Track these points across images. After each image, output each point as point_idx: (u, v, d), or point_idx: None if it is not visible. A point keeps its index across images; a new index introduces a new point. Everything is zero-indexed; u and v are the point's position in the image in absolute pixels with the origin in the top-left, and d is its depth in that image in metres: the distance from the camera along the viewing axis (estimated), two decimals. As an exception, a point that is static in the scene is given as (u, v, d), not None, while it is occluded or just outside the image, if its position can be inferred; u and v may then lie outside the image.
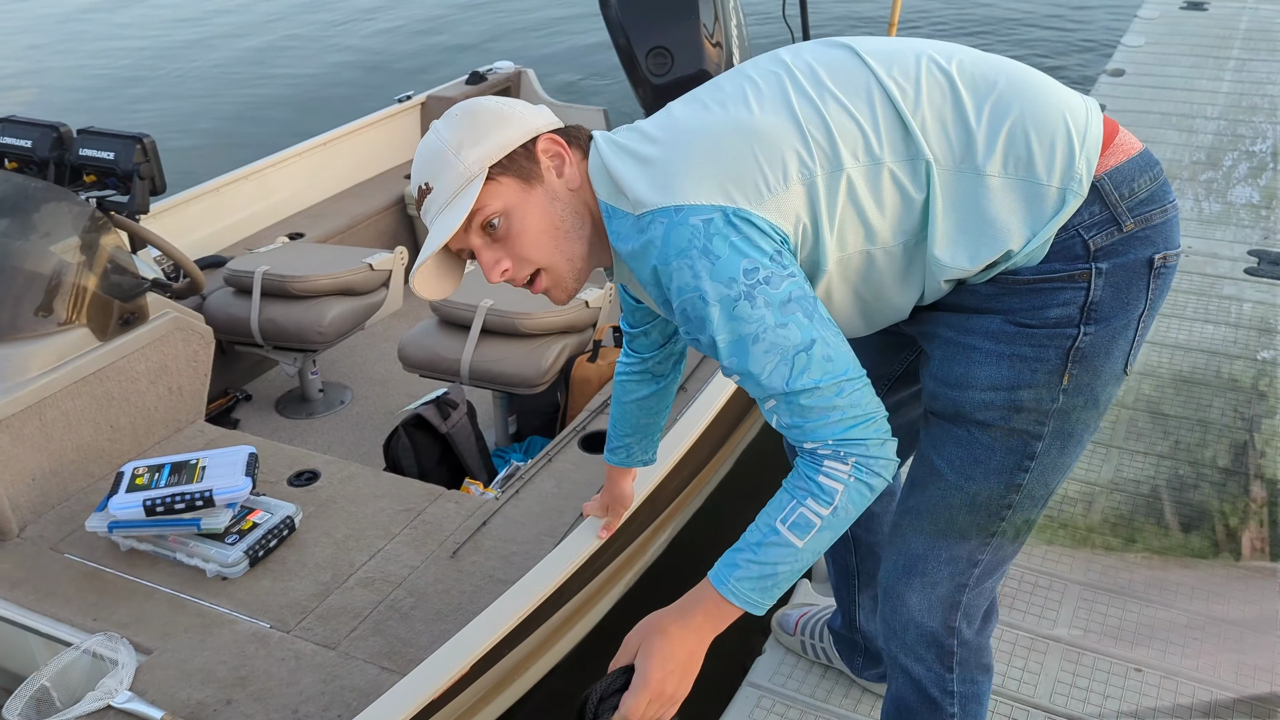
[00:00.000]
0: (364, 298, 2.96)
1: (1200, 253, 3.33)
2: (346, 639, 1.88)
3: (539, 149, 1.16)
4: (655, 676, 1.12)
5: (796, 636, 1.88)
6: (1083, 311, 1.10)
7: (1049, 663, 1.80)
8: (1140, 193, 1.10)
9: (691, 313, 1.07)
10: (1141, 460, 2.33)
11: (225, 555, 2.02)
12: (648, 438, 1.58)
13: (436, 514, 2.18)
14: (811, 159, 1.08)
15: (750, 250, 1.05)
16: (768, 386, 1.07)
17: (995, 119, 1.08)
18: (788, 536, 1.09)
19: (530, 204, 1.15)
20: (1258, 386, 2.60)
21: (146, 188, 2.41)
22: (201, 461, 2.14)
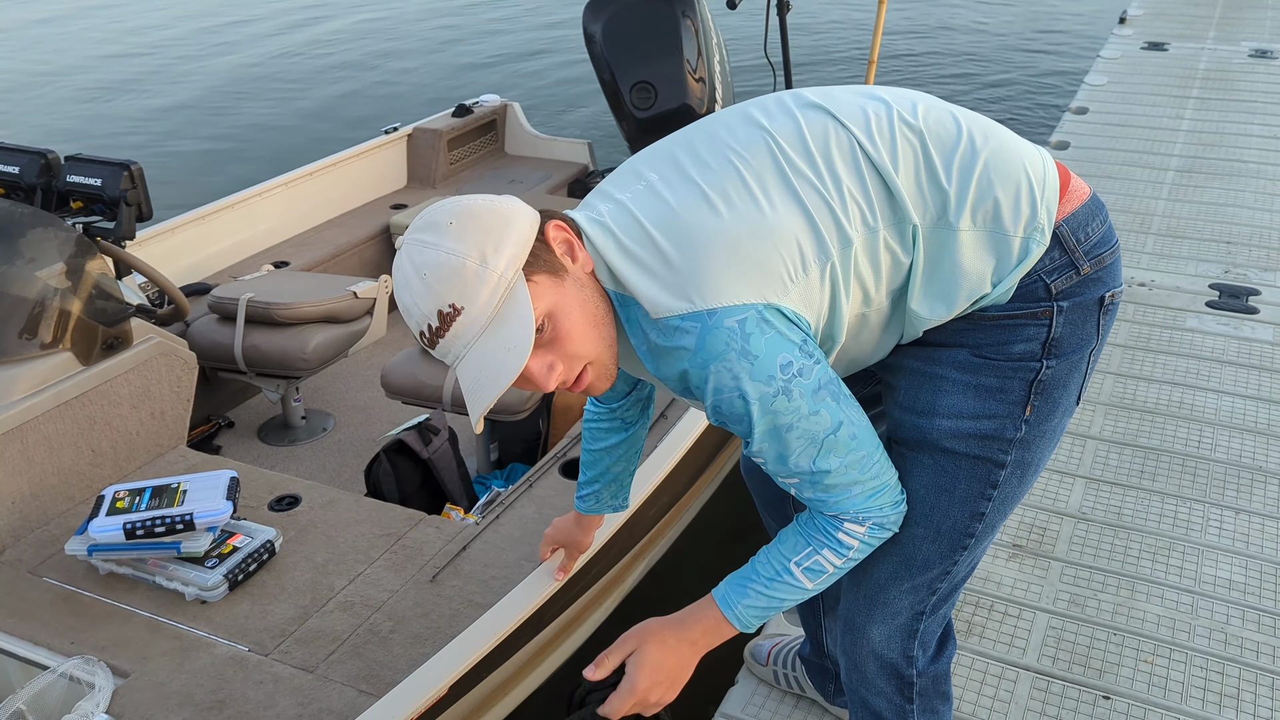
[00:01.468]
0: (347, 325, 3.00)
1: (1164, 286, 3.41)
2: (325, 662, 1.90)
3: (550, 237, 1.10)
4: (643, 685, 1.19)
5: (769, 667, 1.89)
6: (1045, 347, 1.16)
7: (1019, 691, 1.82)
8: (1094, 236, 1.17)
9: (728, 410, 1.09)
10: (1108, 490, 2.38)
11: (205, 579, 2.04)
12: (617, 483, 1.59)
13: (417, 539, 2.20)
14: (825, 244, 1.10)
15: (784, 345, 1.07)
16: (794, 468, 1.12)
17: (963, 174, 1.13)
18: (800, 579, 1.18)
19: (567, 298, 1.09)
20: (1218, 417, 2.67)
21: (133, 214, 2.46)
22: (183, 485, 2.16)
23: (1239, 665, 1.89)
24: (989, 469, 1.19)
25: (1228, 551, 2.18)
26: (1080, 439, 2.57)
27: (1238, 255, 3.61)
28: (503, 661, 1.94)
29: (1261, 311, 3.22)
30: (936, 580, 1.26)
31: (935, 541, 1.24)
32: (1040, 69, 7.92)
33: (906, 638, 1.31)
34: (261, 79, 8.81)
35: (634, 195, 1.14)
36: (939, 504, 1.22)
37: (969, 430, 1.18)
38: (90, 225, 2.50)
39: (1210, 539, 2.22)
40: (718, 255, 1.08)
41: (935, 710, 1.37)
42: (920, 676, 1.34)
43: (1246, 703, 1.81)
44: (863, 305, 1.14)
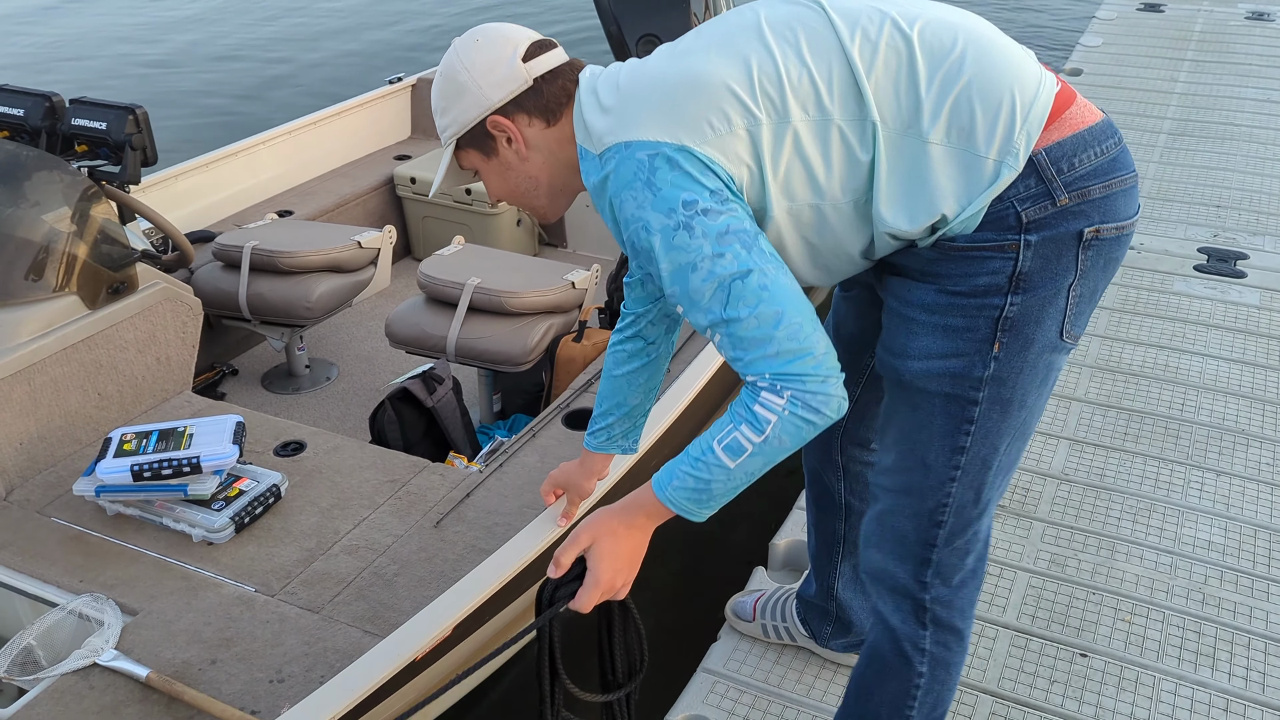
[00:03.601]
0: (352, 275, 2.96)
1: (1152, 250, 3.38)
2: (330, 603, 1.89)
3: (489, 125, 1.28)
4: (606, 577, 1.25)
5: (756, 621, 1.89)
6: (1010, 281, 1.14)
7: (998, 648, 1.83)
8: (1081, 167, 1.13)
9: (637, 243, 1.14)
10: (1091, 452, 2.37)
11: (211, 520, 2.03)
12: (630, 419, 1.57)
13: (421, 485, 2.19)
14: (758, 108, 1.12)
15: (690, 185, 1.10)
16: (707, 313, 1.12)
17: (944, 86, 1.11)
18: (721, 457, 1.14)
19: (491, 170, 1.32)
20: (1202, 380, 2.65)
21: (138, 158, 2.40)
22: (189, 429, 2.14)
23: (1216, 625, 1.89)
24: (962, 405, 1.21)
25: (1208, 513, 2.18)
26: (1065, 401, 2.56)
27: (1227, 219, 3.57)
28: (505, 605, 1.93)
29: (1249, 275, 3.19)
30: (937, 512, 1.28)
31: (925, 473, 1.26)
32: (1036, 27, 7.76)
33: (919, 564, 1.33)
34: (272, 35, 8.60)
35: (631, 66, 1.24)
36: (921, 439, 1.25)
37: (938, 370, 1.19)
38: (95, 169, 2.44)
39: (1191, 501, 2.22)
40: (649, 97, 1.15)
41: (948, 644, 1.37)
42: (934, 602, 1.34)
43: (1222, 661, 1.82)
44: (814, 196, 1.14)
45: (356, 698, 1.56)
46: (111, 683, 1.70)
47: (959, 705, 1.72)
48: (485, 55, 1.27)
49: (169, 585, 1.92)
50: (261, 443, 2.32)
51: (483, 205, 3.54)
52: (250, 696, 1.71)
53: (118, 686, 1.69)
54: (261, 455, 2.29)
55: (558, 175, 1.31)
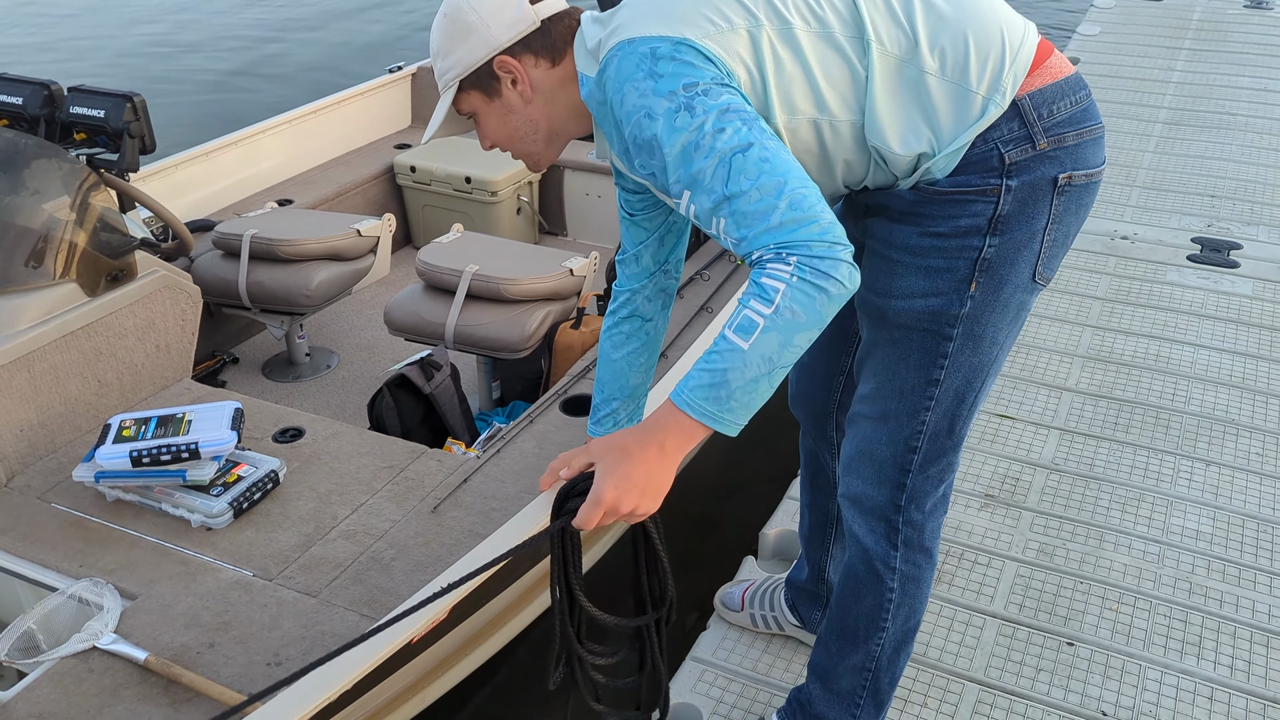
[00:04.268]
0: (351, 263, 2.95)
1: (1146, 240, 3.36)
2: (328, 587, 1.89)
3: (496, 66, 1.26)
4: (609, 495, 1.12)
5: (745, 611, 1.89)
6: (990, 223, 1.18)
7: (985, 637, 1.82)
8: (1058, 115, 1.17)
9: (640, 135, 1.12)
10: (1081, 441, 2.36)
11: (210, 506, 2.02)
12: (634, 400, 1.57)
13: (418, 471, 2.19)
14: (758, 9, 1.14)
15: (691, 71, 1.11)
16: (710, 193, 1.09)
17: (941, 21, 1.15)
18: (734, 339, 1.07)
19: (490, 114, 1.31)
20: (1193, 370, 2.64)
21: (136, 146, 2.39)
22: (188, 415, 2.13)
23: (1202, 614, 1.89)
24: (937, 341, 1.26)
25: (1196, 503, 2.18)
26: (1056, 391, 2.54)
27: (1221, 209, 3.55)
28: (503, 589, 1.93)
29: (1242, 266, 3.18)
30: (911, 439, 1.33)
31: (900, 400, 1.31)
32: (1035, 17, 7.70)
33: (895, 489, 1.37)
34: (275, 21, 8.55)
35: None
36: (898, 370, 1.30)
37: (919, 308, 1.24)
38: (94, 157, 2.42)
39: (1180, 490, 2.21)
40: (649, 3, 1.17)
41: (917, 563, 1.43)
42: (905, 525, 1.39)
43: (1208, 650, 1.81)
44: (816, 110, 1.15)
45: (351, 680, 1.56)
46: (111, 665, 1.70)
47: (945, 694, 1.72)
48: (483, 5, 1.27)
49: (168, 570, 1.92)
50: (261, 429, 2.32)
51: (482, 194, 3.52)
52: (247, 679, 1.71)
53: (117, 669, 1.70)
54: (260, 441, 2.28)
55: (557, 118, 1.31)
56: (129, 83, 6.87)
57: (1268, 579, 1.97)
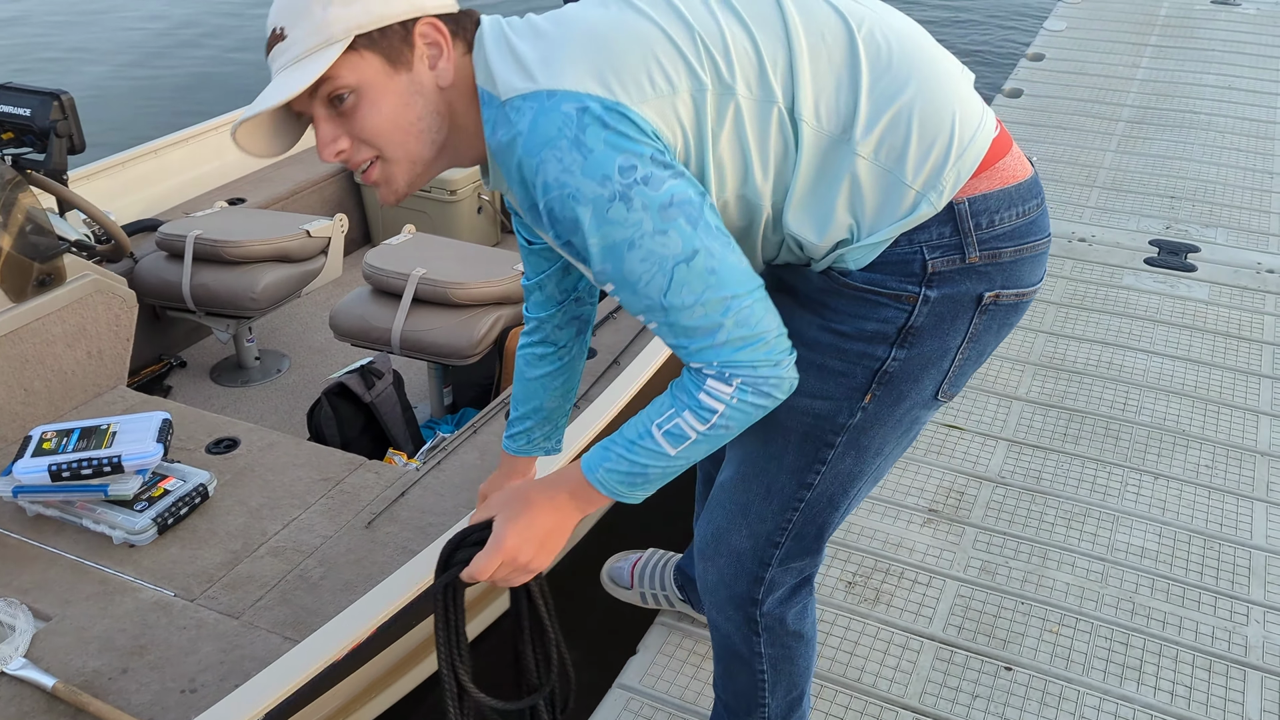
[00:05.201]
0: (300, 265, 2.82)
1: (1104, 242, 3.25)
2: (251, 608, 1.79)
3: (417, 32, 0.98)
4: (510, 543, 1.05)
5: (635, 589, 1.81)
6: (899, 333, 1.03)
7: (922, 661, 1.73)
8: (999, 227, 1.01)
9: (560, 212, 0.92)
10: (1030, 453, 2.26)
11: (133, 522, 1.91)
12: (550, 422, 1.44)
13: (355, 484, 2.08)
14: (704, 71, 0.95)
15: (627, 145, 0.90)
16: (643, 298, 0.95)
17: (885, 99, 0.98)
18: (661, 443, 1.00)
19: (388, 89, 0.97)
20: (1145, 379, 2.54)
21: (64, 146, 2.25)
22: (113, 427, 2.02)
23: (1144, 636, 1.80)
24: (817, 446, 1.11)
25: (1143, 518, 2.09)
26: (1006, 400, 2.45)
27: (1181, 211, 3.45)
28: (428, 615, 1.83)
29: (1199, 269, 3.08)
30: (774, 535, 1.19)
31: (767, 500, 1.17)
32: (1002, 11, 7.58)
33: (752, 582, 1.23)
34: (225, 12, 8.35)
35: (549, 13, 1.04)
36: (769, 468, 1.15)
37: (803, 407, 1.09)
38: (20, 157, 2.28)
39: (1127, 505, 2.12)
40: (580, 40, 0.95)
41: (785, 645, 1.30)
42: (765, 616, 1.27)
43: (1148, 674, 1.72)
44: (744, 186, 0.99)
45: (263, 709, 1.46)
46: (17, 693, 1.60)
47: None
48: None
49: (85, 590, 1.81)
50: (194, 439, 2.20)
51: (442, 192, 3.39)
52: (160, 708, 1.61)
53: (23, 696, 1.59)
54: (193, 453, 2.17)
55: (458, 127, 1.02)
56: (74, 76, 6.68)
57: (1211, 599, 1.89)
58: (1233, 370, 2.58)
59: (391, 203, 1.06)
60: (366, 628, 1.60)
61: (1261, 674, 1.73)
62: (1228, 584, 1.92)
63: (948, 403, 1.15)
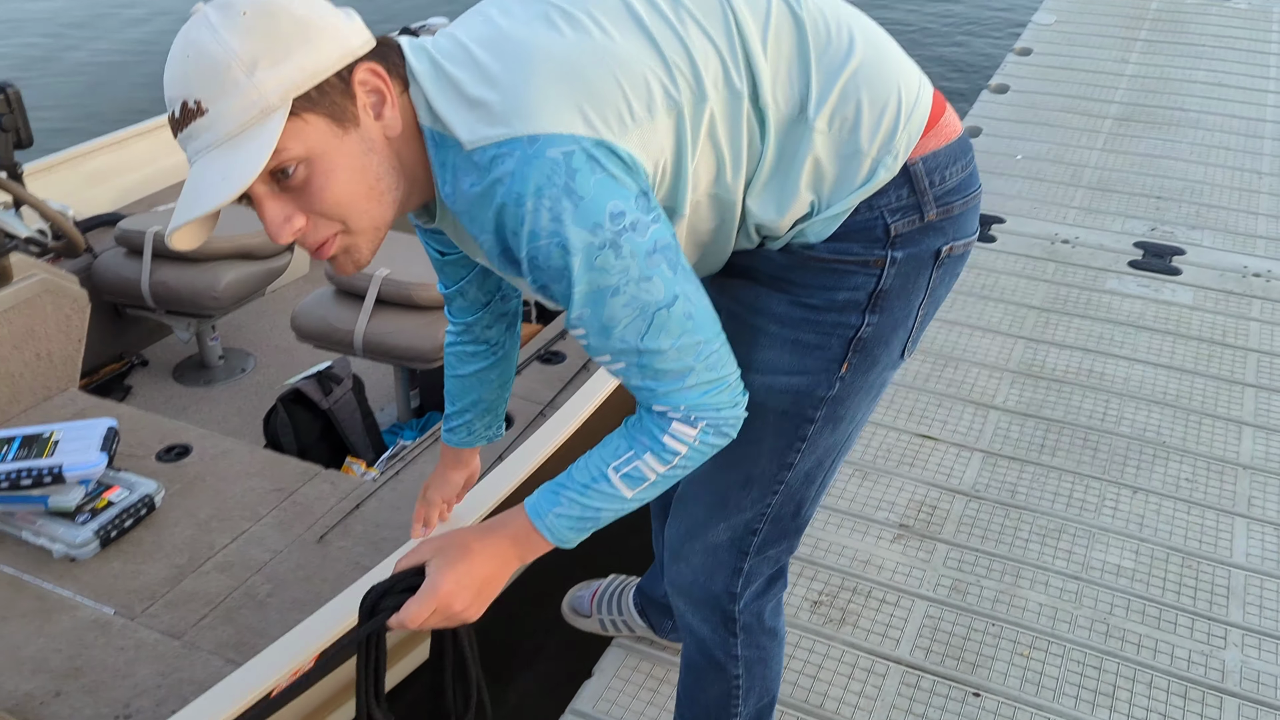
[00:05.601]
0: (264, 262, 2.71)
1: (1087, 244, 3.14)
2: (194, 628, 1.70)
3: (356, 81, 0.87)
4: (446, 589, 0.99)
5: (594, 617, 1.77)
6: (871, 298, 1.03)
7: (887, 686, 1.64)
8: (950, 181, 1.02)
9: (545, 262, 0.87)
10: (1005, 465, 2.17)
11: (74, 535, 1.82)
12: (491, 412, 1.38)
13: (309, 495, 1.98)
14: (676, 87, 0.91)
15: (616, 190, 0.86)
16: (620, 341, 0.91)
17: (833, 71, 0.97)
18: (619, 486, 0.98)
19: (341, 153, 0.87)
20: (1126, 388, 2.45)
21: (9, 140, 2.15)
22: (55, 435, 1.92)
23: (1117, 660, 1.72)
24: (797, 424, 1.09)
25: (1120, 534, 2.00)
26: (983, 409, 2.35)
27: (1167, 211, 3.36)
28: None
29: (1184, 273, 2.99)
30: (754, 522, 1.16)
31: (746, 488, 1.14)
32: (989, 6, 7.44)
33: (730, 575, 1.19)
34: None
35: (465, 24, 0.95)
36: (748, 454, 1.12)
37: (782, 386, 1.07)
38: (-37, 155, 2.18)
39: (1104, 520, 2.03)
40: (549, 73, 0.87)
41: (760, 645, 1.27)
42: (743, 612, 1.23)
43: (1121, 701, 1.64)
44: (716, 185, 0.96)
45: None
46: (-57, 719, 1.51)
47: (841, 752, 1.54)
48: (318, 0, 0.89)
49: (21, 606, 1.72)
50: (145, 446, 2.11)
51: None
52: (91, 736, 1.52)
53: (-51, 723, 1.50)
54: (142, 460, 2.07)
55: (408, 173, 0.92)
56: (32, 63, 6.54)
57: (1189, 620, 1.80)
58: (1216, 379, 2.49)
59: (352, 273, 0.98)
60: (310, 651, 1.51)
61: (1239, 701, 1.65)
62: (1205, 605, 1.84)
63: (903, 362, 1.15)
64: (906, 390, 2.42)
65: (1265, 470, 2.18)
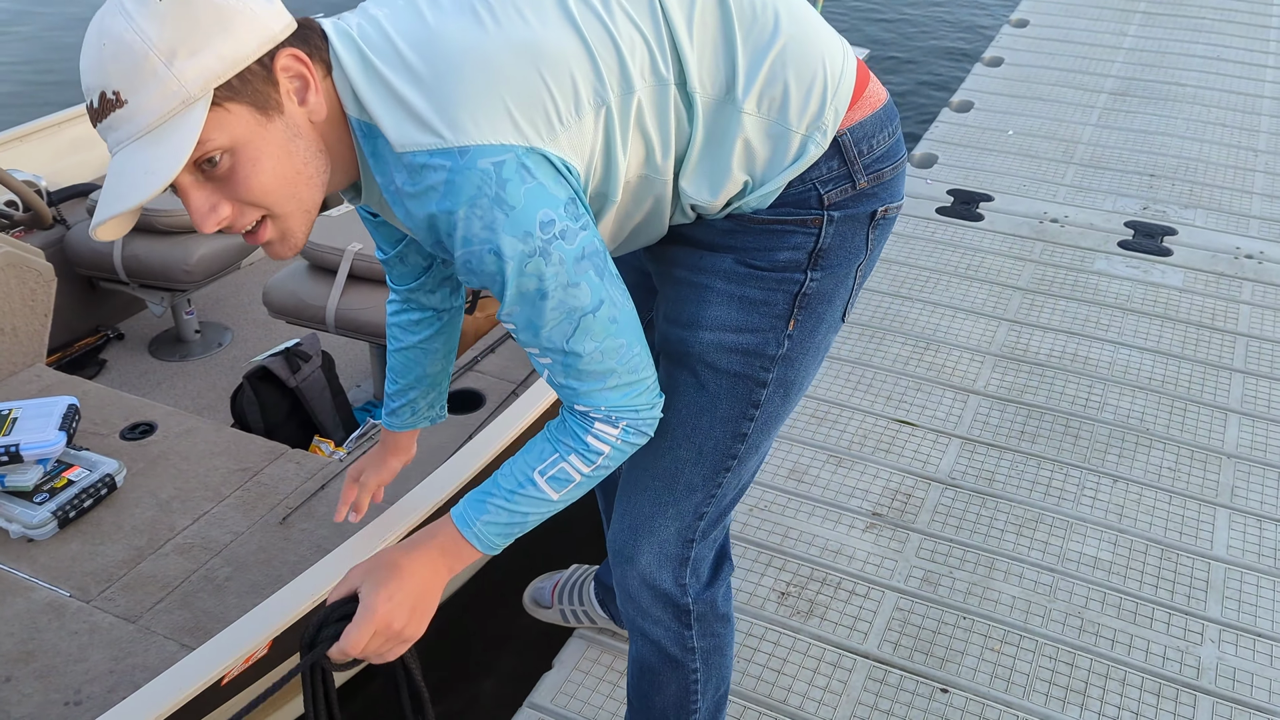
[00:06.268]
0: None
1: (1077, 223, 3.02)
2: (149, 612, 1.62)
3: (278, 67, 0.85)
4: (381, 610, 0.96)
5: (555, 608, 1.71)
6: (811, 257, 1.03)
7: (853, 681, 1.57)
8: (878, 149, 1.02)
9: (478, 266, 0.88)
10: (983, 453, 2.08)
11: (30, 515, 1.74)
12: (435, 388, 1.33)
13: (274, 475, 1.90)
14: (603, 84, 0.90)
15: (546, 198, 0.86)
16: (547, 340, 0.93)
17: (758, 53, 0.96)
18: (545, 489, 0.99)
19: (266, 140, 0.85)
20: (1111, 372, 2.35)
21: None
22: (13, 413, 1.84)
23: (1090, 655, 1.64)
24: (750, 387, 1.06)
25: (1098, 525, 1.91)
26: (963, 394, 2.25)
27: (1160, 190, 3.23)
28: None
29: (1175, 254, 2.88)
30: (702, 505, 1.13)
31: (698, 464, 1.10)
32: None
33: (678, 566, 1.15)
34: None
35: (391, 10, 0.91)
36: (701, 425, 1.08)
37: (731, 344, 1.05)
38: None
39: (1083, 510, 1.94)
40: (476, 80, 0.86)
41: (715, 633, 1.22)
42: (696, 602, 1.18)
43: (1093, 699, 1.57)
44: (646, 166, 0.96)
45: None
46: (-112, 706, 1.44)
47: (802, 750, 1.47)
48: None
49: (-25, 589, 1.65)
50: (109, 424, 2.02)
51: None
52: (39, 723, 1.45)
53: (-105, 711, 1.44)
54: (106, 439, 1.99)
55: (334, 154, 0.90)
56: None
57: (1165, 615, 1.72)
58: (1203, 364, 2.39)
59: (288, 257, 0.94)
60: (265, 636, 1.44)
61: (1213, 699, 1.58)
62: (1184, 599, 1.76)
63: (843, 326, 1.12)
64: (885, 374, 2.32)
65: (1250, 459, 2.09)
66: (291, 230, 0.90)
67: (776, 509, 1.92)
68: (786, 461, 2.04)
